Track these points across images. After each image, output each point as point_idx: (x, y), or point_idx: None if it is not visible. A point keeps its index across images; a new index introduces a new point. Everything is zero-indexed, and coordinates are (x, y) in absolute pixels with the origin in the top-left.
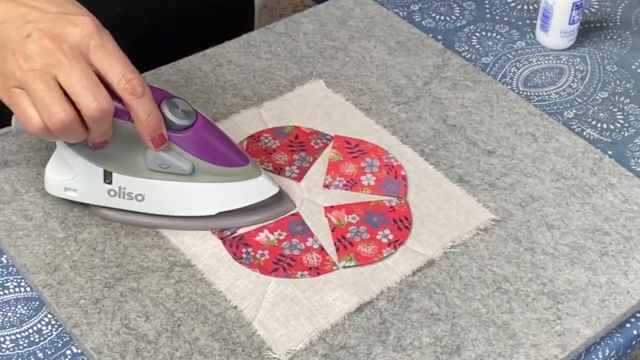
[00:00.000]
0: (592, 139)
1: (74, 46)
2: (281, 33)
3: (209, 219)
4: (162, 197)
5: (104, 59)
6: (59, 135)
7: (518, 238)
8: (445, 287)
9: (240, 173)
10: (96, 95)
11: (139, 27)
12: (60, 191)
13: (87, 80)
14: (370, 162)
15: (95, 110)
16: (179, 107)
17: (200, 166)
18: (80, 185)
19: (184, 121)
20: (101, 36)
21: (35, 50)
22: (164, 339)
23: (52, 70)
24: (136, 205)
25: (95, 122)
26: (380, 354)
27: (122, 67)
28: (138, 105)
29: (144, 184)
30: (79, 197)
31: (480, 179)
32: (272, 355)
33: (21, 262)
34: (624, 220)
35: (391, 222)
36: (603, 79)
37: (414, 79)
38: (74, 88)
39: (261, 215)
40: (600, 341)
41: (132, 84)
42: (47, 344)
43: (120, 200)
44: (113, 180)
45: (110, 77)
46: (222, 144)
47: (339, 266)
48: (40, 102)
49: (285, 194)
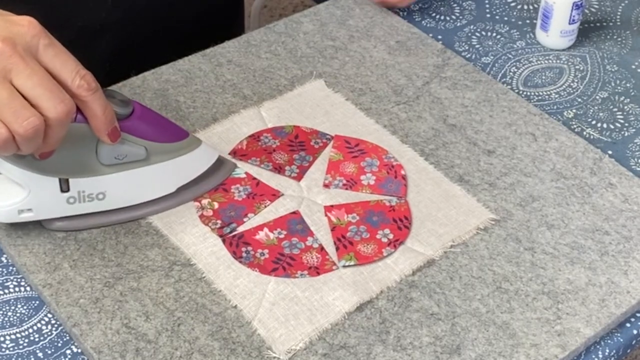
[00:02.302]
0: (592, 139)
1: (25, 47)
2: (281, 33)
3: (170, 198)
4: (124, 188)
5: (55, 58)
6: (24, 144)
7: (518, 238)
8: (445, 286)
9: (186, 145)
10: (61, 97)
11: (122, 31)
12: (14, 216)
13: (48, 82)
14: (370, 161)
15: (62, 112)
16: (116, 97)
17: (152, 148)
18: (35, 202)
19: (126, 109)
20: (48, 35)
21: None
22: (163, 338)
23: (9, 75)
24: (98, 206)
25: (59, 125)
26: (380, 354)
27: (74, 64)
28: (94, 100)
29: (104, 181)
30: (36, 215)
31: (480, 179)
32: (272, 355)
33: (21, 262)
34: (624, 220)
35: (391, 222)
36: (603, 78)
37: (414, 79)
38: (36, 91)
39: (213, 181)
40: (600, 341)
41: (87, 80)
42: (47, 343)
43: (80, 205)
44: (70, 187)
45: (64, 75)
46: (163, 122)
47: (338, 265)
48: (7, 109)
49: (222, 156)
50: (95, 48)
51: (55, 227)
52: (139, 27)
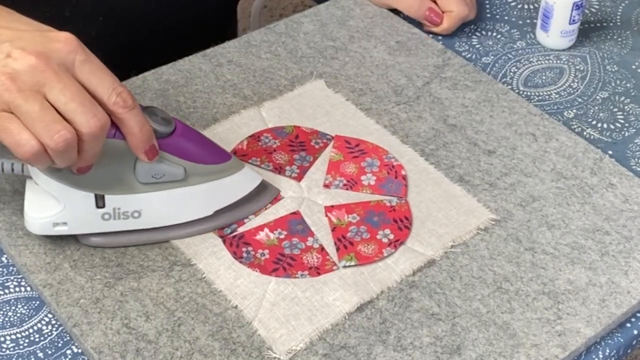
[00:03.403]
0: (593, 139)
1: (60, 63)
2: (281, 33)
3: (207, 221)
4: (160, 208)
5: (91, 75)
6: (56, 157)
7: (518, 238)
8: (445, 286)
9: (227, 168)
10: (94, 112)
11: (114, 44)
12: (48, 229)
13: (82, 97)
14: (371, 161)
15: (95, 127)
16: (158, 114)
17: (191, 169)
18: (70, 216)
19: (167, 128)
20: (85, 51)
21: (22, 69)
22: (164, 338)
23: (42, 89)
24: (133, 224)
25: (93, 139)
26: (381, 354)
27: (111, 81)
28: (131, 118)
29: (140, 199)
30: (71, 229)
31: (480, 179)
32: (272, 355)
33: (21, 262)
34: (625, 220)
35: (391, 222)
36: (603, 78)
37: (414, 79)
38: (68, 106)
39: (254, 205)
40: (600, 341)
41: (123, 97)
42: (48, 343)
43: (115, 222)
44: (106, 203)
45: (100, 91)
46: (205, 143)
47: (339, 266)
48: (38, 122)
49: (265, 181)
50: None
51: (90, 243)
52: (130, 39)
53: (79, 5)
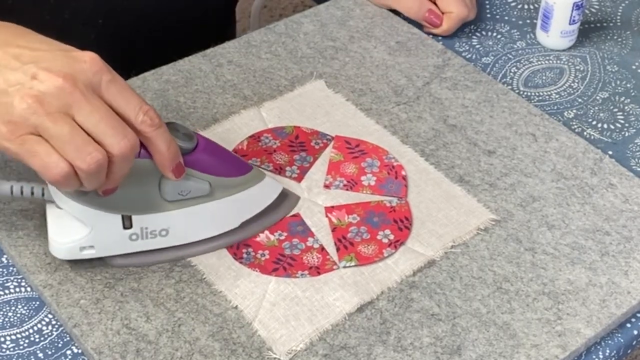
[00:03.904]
0: (593, 139)
1: (87, 84)
2: (281, 33)
3: (233, 233)
4: (187, 224)
5: (118, 95)
6: (87, 179)
7: (518, 238)
8: (445, 287)
9: (250, 179)
10: (124, 133)
11: (113, 46)
12: (76, 253)
13: (111, 118)
14: (371, 162)
15: (126, 148)
16: (180, 130)
17: (216, 183)
18: (97, 239)
19: (190, 143)
20: (110, 71)
21: (49, 91)
22: (164, 339)
23: (70, 111)
24: (161, 242)
25: (124, 160)
26: (381, 354)
27: (137, 100)
28: (158, 136)
29: (167, 218)
30: (98, 252)
31: (480, 179)
32: (272, 356)
33: (22, 262)
34: (625, 220)
35: (391, 222)
36: (603, 79)
37: (414, 79)
38: (98, 128)
39: (278, 214)
40: (600, 341)
41: (150, 116)
42: (48, 344)
43: (143, 241)
44: (133, 223)
45: (127, 111)
46: (227, 156)
47: (339, 266)
48: (69, 144)
49: (287, 189)
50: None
51: (118, 264)
52: (130, 40)
53: (79, 8)
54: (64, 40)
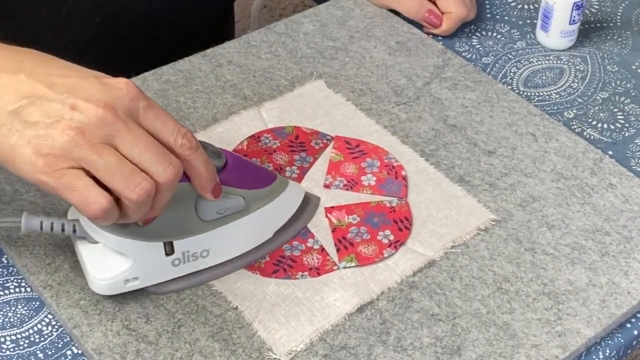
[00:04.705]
0: (593, 139)
1: (126, 112)
2: (281, 33)
3: (268, 243)
4: (226, 242)
5: (155, 120)
6: (134, 210)
7: (518, 238)
8: (445, 287)
9: (276, 187)
10: (169, 160)
11: (111, 46)
12: (120, 286)
13: (154, 146)
14: (371, 162)
15: (172, 175)
16: (208, 148)
17: (249, 196)
18: (142, 269)
19: (220, 161)
20: (145, 96)
21: (90, 122)
22: (164, 340)
23: (113, 141)
24: (203, 263)
25: (169, 188)
26: (381, 355)
27: (174, 123)
28: (197, 158)
29: (207, 238)
30: (142, 282)
31: (480, 179)
32: (272, 356)
33: (22, 263)
34: (625, 220)
35: (392, 223)
36: (603, 79)
37: (414, 79)
38: (143, 157)
39: (305, 217)
40: (600, 341)
41: (188, 138)
42: (48, 344)
43: (186, 265)
44: (175, 249)
45: (165, 136)
46: (254, 168)
47: (339, 266)
48: (118, 175)
49: (307, 192)
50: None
51: (165, 292)
52: (129, 39)
53: (77, 5)
54: (62, 38)
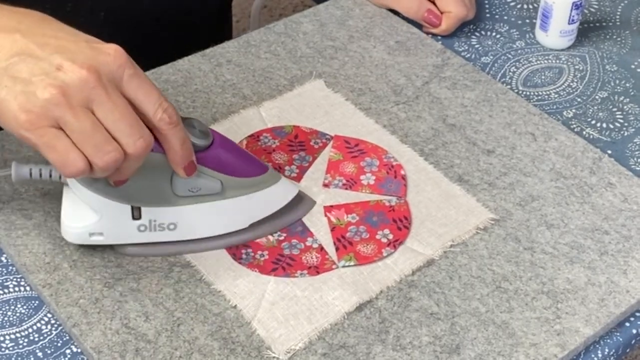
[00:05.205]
0: (592, 139)
1: (110, 78)
2: (281, 33)
3: (242, 233)
4: (195, 221)
5: (139, 89)
6: (99, 174)
7: (517, 237)
8: (444, 286)
9: (263, 181)
10: (141, 132)
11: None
12: (85, 238)
13: (130, 117)
14: (370, 161)
15: (141, 148)
16: (196, 127)
17: (228, 182)
18: (107, 227)
19: (204, 141)
20: (133, 65)
21: (73, 83)
22: (163, 338)
23: (91, 105)
24: (168, 235)
25: (136, 159)
26: (380, 353)
27: (157, 96)
28: (174, 134)
29: (176, 212)
30: (107, 239)
31: (479, 179)
32: (271, 355)
33: (21, 262)
34: (624, 219)
35: (391, 222)
36: (602, 78)
37: (414, 79)
38: (117, 126)
39: (290, 217)
40: (599, 340)
41: (169, 113)
42: (47, 343)
43: (151, 233)
44: (142, 215)
45: (147, 107)
46: (242, 156)
47: (338, 265)
48: (89, 141)
49: (303, 192)
50: None
51: (127, 253)
52: (129, 38)
53: (81, 0)
54: None
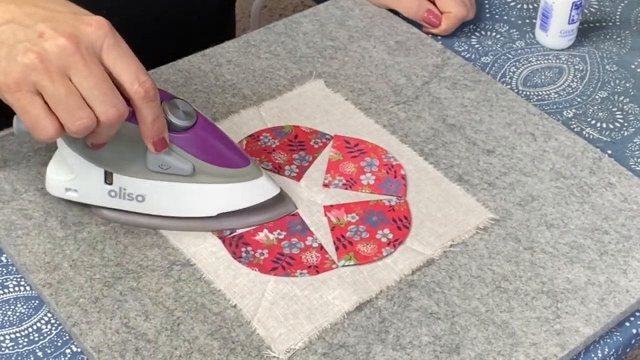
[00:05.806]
0: (592, 139)
1: (89, 47)
2: (281, 33)
3: (209, 220)
4: (163, 198)
5: (117, 60)
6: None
7: (517, 237)
8: (444, 286)
9: (241, 174)
10: (114, 102)
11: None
12: (61, 191)
13: (105, 85)
14: (370, 161)
15: (113, 117)
16: (180, 107)
17: (201, 167)
18: (80, 185)
19: (185, 122)
20: (115, 36)
21: (51, 49)
22: (163, 337)
23: (68, 71)
24: (136, 206)
25: (108, 127)
26: (380, 353)
27: (135, 69)
28: (147, 108)
29: (145, 185)
30: (80, 197)
31: (479, 178)
32: (271, 354)
33: (21, 261)
34: (623, 219)
35: (390, 222)
36: (602, 78)
37: (414, 79)
38: (91, 93)
39: (262, 216)
40: (599, 340)
41: (145, 87)
42: (47, 342)
43: (120, 200)
44: (114, 181)
45: (124, 78)
46: (223, 145)
47: (338, 265)
48: (63, 106)
49: (286, 195)
50: None
51: (101, 215)
52: (130, 38)
53: (81, 0)
54: None
